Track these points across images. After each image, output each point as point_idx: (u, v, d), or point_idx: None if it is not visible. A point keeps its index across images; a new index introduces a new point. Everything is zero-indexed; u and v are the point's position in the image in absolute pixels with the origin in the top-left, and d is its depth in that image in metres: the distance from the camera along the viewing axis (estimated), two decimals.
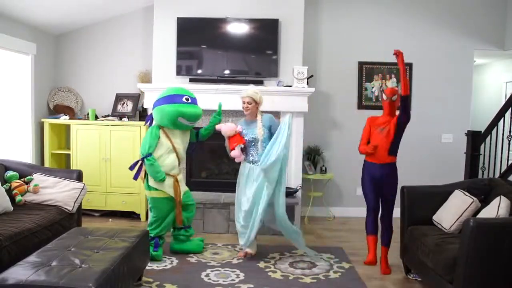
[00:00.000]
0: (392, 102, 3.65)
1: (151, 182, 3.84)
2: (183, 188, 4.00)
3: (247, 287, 3.30)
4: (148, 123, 4.01)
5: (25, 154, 4.90)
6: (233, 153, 3.88)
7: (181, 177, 4.02)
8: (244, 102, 3.87)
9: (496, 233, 2.64)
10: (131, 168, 3.84)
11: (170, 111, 3.71)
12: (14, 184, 3.78)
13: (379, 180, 3.70)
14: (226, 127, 3.91)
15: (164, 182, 3.79)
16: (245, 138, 3.88)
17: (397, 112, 3.67)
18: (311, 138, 5.36)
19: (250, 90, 3.89)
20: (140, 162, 3.80)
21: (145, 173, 3.89)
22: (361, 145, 3.79)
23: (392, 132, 3.63)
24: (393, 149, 3.68)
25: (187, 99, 3.79)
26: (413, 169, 5.42)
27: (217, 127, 4.05)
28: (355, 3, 5.44)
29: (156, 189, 3.82)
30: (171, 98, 3.77)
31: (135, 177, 3.88)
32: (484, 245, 2.62)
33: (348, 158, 5.24)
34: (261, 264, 3.78)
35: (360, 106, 5.46)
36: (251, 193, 3.80)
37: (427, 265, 3.12)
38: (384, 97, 3.68)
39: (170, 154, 3.84)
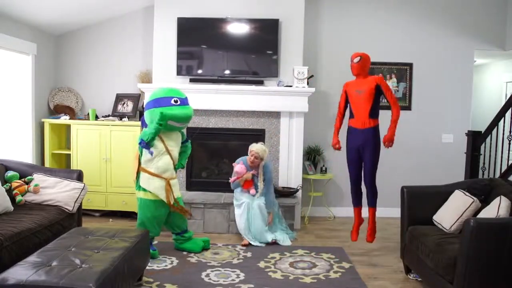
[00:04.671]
0: (355, 64, 3.83)
1: (142, 183, 3.80)
2: (176, 193, 3.92)
3: (247, 287, 3.30)
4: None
5: (25, 154, 4.90)
6: (251, 192, 4.42)
7: (176, 182, 3.96)
8: (252, 155, 4.37)
9: (496, 233, 2.64)
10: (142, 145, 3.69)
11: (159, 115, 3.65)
12: (14, 184, 3.79)
13: (362, 145, 3.83)
14: (242, 172, 4.40)
15: (156, 184, 3.77)
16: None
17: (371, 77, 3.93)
18: (311, 138, 5.37)
19: (259, 146, 4.40)
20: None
21: (137, 173, 3.86)
22: (338, 116, 4.04)
23: (371, 98, 3.76)
24: (374, 112, 3.81)
25: (175, 101, 3.71)
26: (413, 169, 5.44)
27: (239, 171, 4.39)
28: (355, 3, 5.44)
29: (145, 190, 3.79)
30: (160, 101, 3.71)
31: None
32: (484, 245, 2.62)
33: None
34: (261, 264, 3.78)
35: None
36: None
37: (427, 265, 3.12)
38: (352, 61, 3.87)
39: (164, 156, 3.81)
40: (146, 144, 3.62)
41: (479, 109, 6.56)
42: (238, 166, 4.41)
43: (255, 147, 4.39)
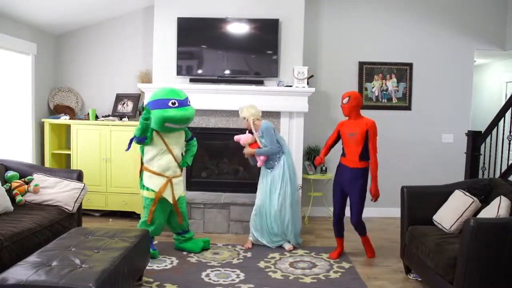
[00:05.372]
0: (344, 105, 3.86)
1: (144, 181, 3.83)
2: (179, 192, 3.95)
3: (247, 287, 3.30)
4: None
5: (25, 154, 4.90)
6: (261, 158, 4.20)
7: (179, 180, 3.96)
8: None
9: (496, 233, 2.64)
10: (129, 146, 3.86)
11: (156, 117, 3.66)
12: (14, 184, 3.79)
13: (348, 183, 3.87)
14: (245, 138, 4.27)
15: (157, 182, 3.80)
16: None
17: (364, 117, 3.92)
18: (311, 138, 5.36)
19: (240, 107, 4.29)
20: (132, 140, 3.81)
21: (140, 171, 3.89)
22: (324, 147, 4.12)
23: (362, 141, 3.80)
24: (364, 155, 3.82)
25: (173, 103, 3.68)
26: (413, 169, 5.44)
27: (236, 138, 4.29)
28: (355, 3, 5.43)
29: (148, 189, 3.81)
30: (158, 103, 3.70)
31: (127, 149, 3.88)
32: (484, 245, 2.62)
33: None
34: (261, 264, 3.78)
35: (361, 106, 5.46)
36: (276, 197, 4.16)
37: (427, 265, 3.12)
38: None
39: (165, 154, 3.81)
40: (137, 138, 3.71)
41: (479, 109, 6.56)
42: (236, 137, 4.33)
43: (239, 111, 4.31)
